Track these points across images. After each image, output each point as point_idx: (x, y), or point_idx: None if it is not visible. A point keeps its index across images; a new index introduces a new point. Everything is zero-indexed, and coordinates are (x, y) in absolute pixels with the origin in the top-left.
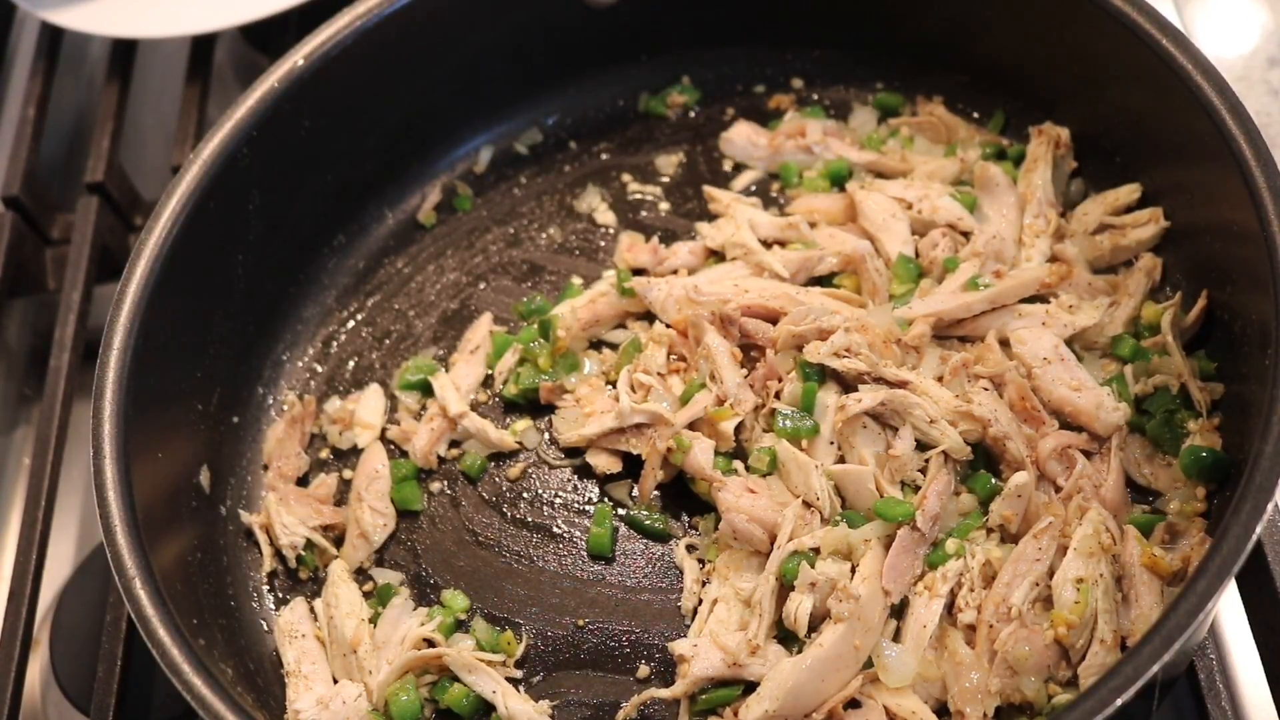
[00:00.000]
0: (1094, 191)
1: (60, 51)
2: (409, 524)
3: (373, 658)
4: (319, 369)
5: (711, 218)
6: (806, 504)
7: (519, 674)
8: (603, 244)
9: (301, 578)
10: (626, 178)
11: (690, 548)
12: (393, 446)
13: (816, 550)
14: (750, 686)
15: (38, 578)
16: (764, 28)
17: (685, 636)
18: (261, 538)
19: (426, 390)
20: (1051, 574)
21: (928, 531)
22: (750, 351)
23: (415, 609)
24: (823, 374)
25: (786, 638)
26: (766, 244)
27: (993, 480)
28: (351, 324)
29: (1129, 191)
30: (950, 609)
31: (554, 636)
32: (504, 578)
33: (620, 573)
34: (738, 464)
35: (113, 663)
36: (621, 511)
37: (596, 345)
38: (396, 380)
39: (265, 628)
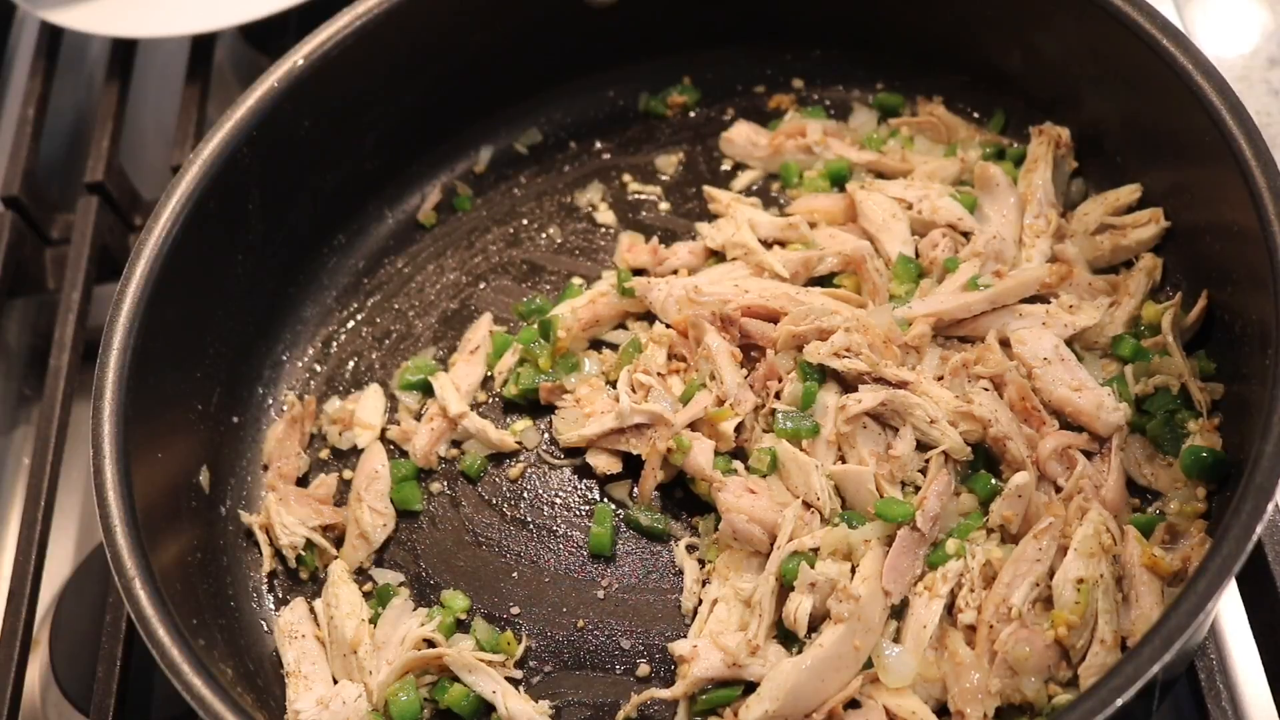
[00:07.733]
0: (1094, 191)
1: (60, 51)
2: (409, 524)
3: (373, 658)
4: (319, 369)
5: (711, 218)
6: (806, 504)
7: (519, 674)
8: (603, 244)
9: (301, 578)
10: (626, 178)
11: (690, 548)
12: (393, 446)
13: (816, 550)
14: (750, 687)
15: (38, 578)
16: (764, 28)
17: (685, 636)
18: (261, 538)
19: (426, 390)
20: (1052, 574)
21: (928, 532)
22: (750, 351)
23: (415, 609)
24: (823, 374)
25: (786, 638)
26: (766, 244)
27: (993, 480)
28: (351, 324)
29: (1129, 192)
30: (950, 609)
31: (554, 636)
32: (504, 578)
33: (620, 573)
34: (738, 464)
35: (112, 663)
36: (621, 511)
37: (596, 345)
38: (396, 380)
39: (265, 628)
